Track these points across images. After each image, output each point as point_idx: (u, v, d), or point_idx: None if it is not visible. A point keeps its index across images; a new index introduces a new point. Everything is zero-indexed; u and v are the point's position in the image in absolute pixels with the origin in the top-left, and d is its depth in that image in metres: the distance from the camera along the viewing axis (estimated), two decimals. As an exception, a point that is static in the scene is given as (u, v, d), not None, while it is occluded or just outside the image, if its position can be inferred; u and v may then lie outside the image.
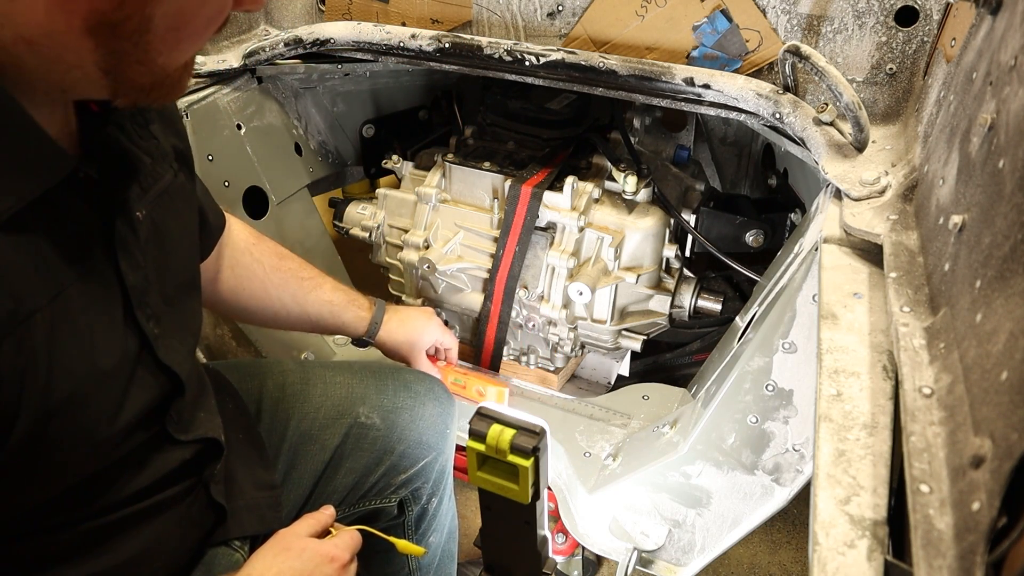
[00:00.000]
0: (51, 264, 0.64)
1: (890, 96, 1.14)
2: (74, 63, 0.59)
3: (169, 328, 0.78)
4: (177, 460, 0.84)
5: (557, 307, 1.45)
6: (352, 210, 1.69)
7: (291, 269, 1.19)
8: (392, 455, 1.12)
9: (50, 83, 0.60)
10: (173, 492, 0.84)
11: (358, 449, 1.11)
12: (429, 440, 1.16)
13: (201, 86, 1.41)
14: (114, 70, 0.60)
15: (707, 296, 1.48)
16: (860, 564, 0.54)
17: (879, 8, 1.10)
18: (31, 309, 0.62)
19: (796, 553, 1.69)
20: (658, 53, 1.24)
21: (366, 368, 1.20)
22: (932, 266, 0.74)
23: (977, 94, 0.72)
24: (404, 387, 1.17)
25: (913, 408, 0.58)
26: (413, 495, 1.16)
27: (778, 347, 1.05)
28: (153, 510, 0.82)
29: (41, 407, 0.64)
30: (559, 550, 1.51)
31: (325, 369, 1.18)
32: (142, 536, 0.81)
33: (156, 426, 0.80)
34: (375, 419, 1.13)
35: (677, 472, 1.20)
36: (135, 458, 0.79)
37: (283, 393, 1.11)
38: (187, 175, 0.86)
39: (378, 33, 1.32)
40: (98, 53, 0.58)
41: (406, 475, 1.14)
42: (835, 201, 0.99)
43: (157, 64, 0.62)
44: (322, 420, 1.11)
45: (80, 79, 0.60)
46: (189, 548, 0.89)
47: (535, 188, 1.42)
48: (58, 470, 0.69)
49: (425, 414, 1.17)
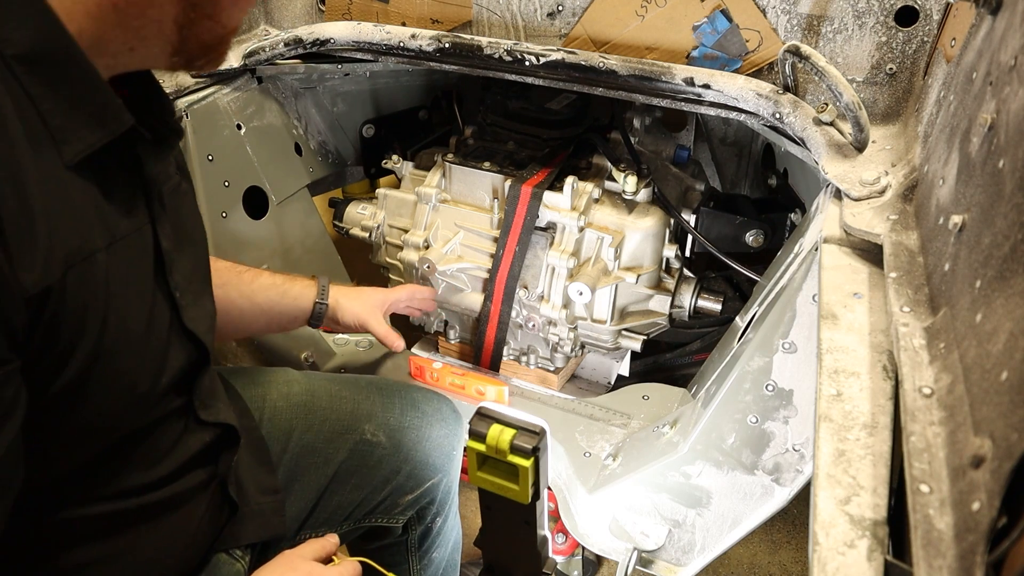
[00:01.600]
0: (107, 214, 0.68)
1: (890, 96, 1.14)
2: (155, 17, 0.66)
3: (191, 302, 0.81)
4: (199, 443, 0.86)
5: (557, 307, 1.45)
6: (352, 210, 1.69)
7: (227, 267, 1.18)
8: (398, 475, 1.12)
9: (120, 43, 0.67)
10: (194, 481, 0.86)
11: (364, 466, 1.11)
12: (435, 462, 1.15)
13: (201, 86, 1.41)
14: (189, 24, 0.68)
15: (707, 296, 1.48)
16: (860, 564, 0.54)
17: (879, 8, 1.10)
18: (92, 248, 0.66)
19: (796, 553, 1.69)
20: (658, 53, 1.24)
21: (372, 384, 1.19)
22: (932, 266, 0.74)
23: (977, 94, 0.72)
24: (412, 406, 1.17)
25: (913, 408, 0.58)
26: (418, 515, 1.16)
27: (778, 347, 1.05)
28: (172, 502, 0.84)
29: (96, 345, 0.67)
30: (559, 550, 1.51)
31: (331, 383, 1.17)
32: (159, 530, 0.83)
33: (185, 396, 0.83)
34: (381, 437, 1.12)
35: (677, 472, 1.20)
36: (165, 428, 0.81)
37: (287, 403, 1.11)
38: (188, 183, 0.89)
39: (378, 33, 1.32)
40: (179, 7, 0.67)
41: (412, 496, 1.13)
42: (835, 201, 0.99)
43: (222, 21, 0.71)
44: (327, 434, 1.10)
45: (154, 33, 0.68)
46: (199, 549, 0.90)
47: (535, 188, 1.42)
48: (99, 423, 0.72)
49: (432, 435, 1.16)
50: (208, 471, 0.89)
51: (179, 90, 1.37)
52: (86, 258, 0.65)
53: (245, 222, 1.52)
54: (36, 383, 0.64)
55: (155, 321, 0.75)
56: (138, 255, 0.73)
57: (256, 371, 1.19)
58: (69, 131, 0.64)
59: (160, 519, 0.83)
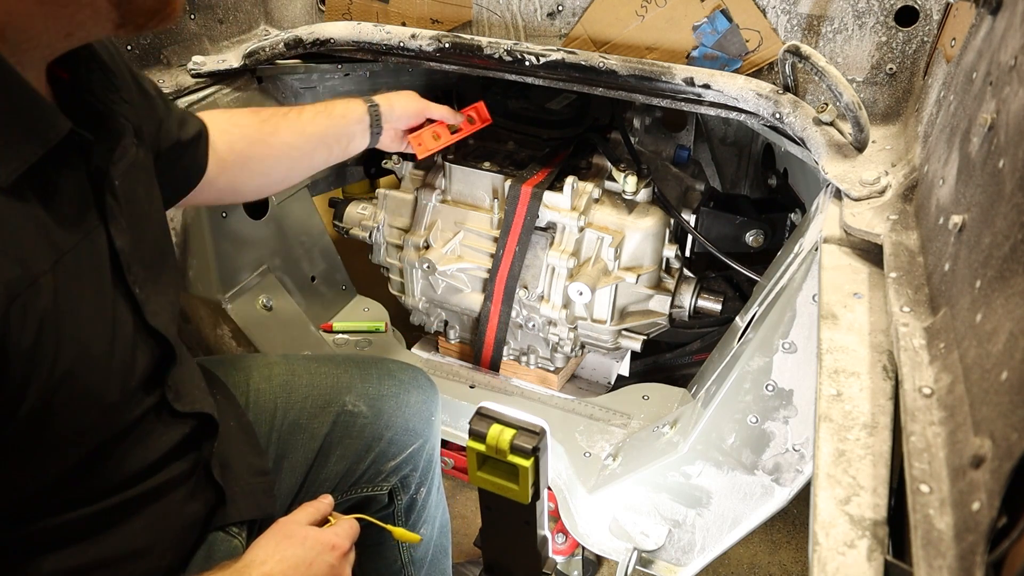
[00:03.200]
0: (50, 229, 0.65)
1: (890, 96, 1.14)
2: (86, 1, 0.61)
3: (151, 294, 0.79)
4: (178, 435, 0.86)
5: (557, 307, 1.45)
6: (352, 210, 1.69)
7: (272, 113, 1.18)
8: (381, 442, 1.14)
9: (56, 31, 0.62)
10: (176, 471, 0.86)
11: (347, 437, 1.12)
12: (416, 427, 1.17)
13: (201, 86, 1.41)
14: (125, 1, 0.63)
15: (707, 296, 1.48)
16: (860, 564, 0.54)
17: (879, 8, 1.10)
18: (35, 274, 0.63)
19: (796, 553, 1.69)
20: (658, 53, 1.24)
21: (349, 359, 1.21)
22: (932, 266, 0.74)
23: (977, 94, 0.72)
24: (388, 375, 1.19)
25: (913, 408, 0.58)
26: (402, 483, 1.17)
27: (778, 347, 1.05)
28: (158, 491, 0.83)
29: (52, 371, 0.65)
30: (559, 550, 1.51)
31: (309, 361, 1.19)
32: (148, 518, 0.82)
33: (157, 392, 0.82)
34: (362, 407, 1.14)
35: (677, 472, 1.20)
36: (140, 430, 0.80)
37: (269, 384, 1.12)
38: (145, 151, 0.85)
39: (378, 33, 1.32)
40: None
41: (395, 462, 1.15)
42: (835, 201, 0.99)
43: None
44: (310, 409, 1.12)
45: (89, 17, 0.63)
46: (192, 533, 0.90)
47: (535, 188, 1.42)
48: (70, 437, 0.70)
49: (410, 401, 1.18)
50: (190, 460, 0.88)
51: (179, 90, 1.37)
52: (30, 285, 0.62)
53: (245, 222, 1.52)
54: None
55: (118, 328, 0.73)
56: (90, 263, 0.70)
57: (235, 358, 1.20)
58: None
59: (144, 511, 0.82)
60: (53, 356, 0.64)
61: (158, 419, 0.83)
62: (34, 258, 0.63)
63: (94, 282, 0.71)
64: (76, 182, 0.70)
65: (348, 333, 1.73)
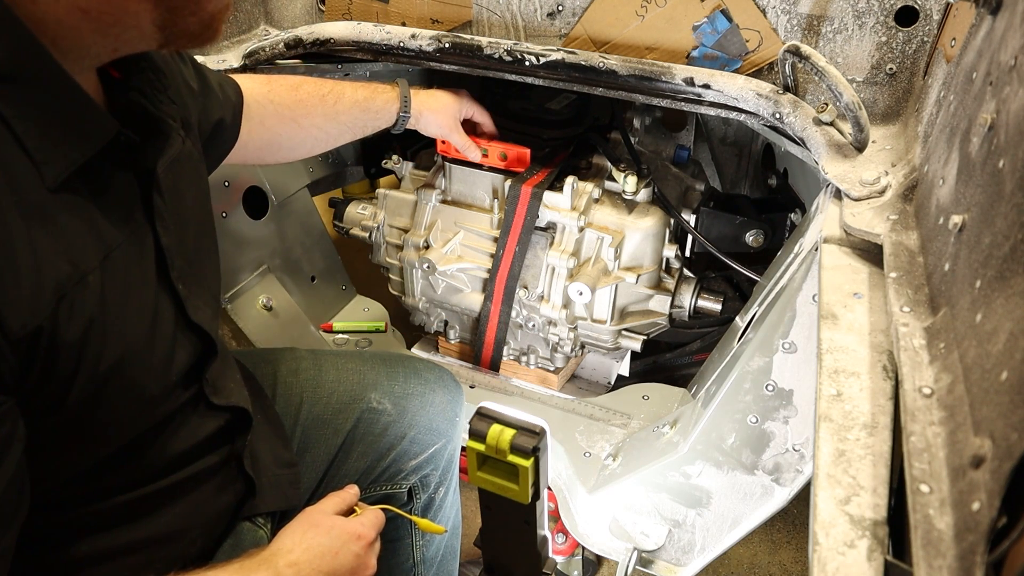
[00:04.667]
0: (99, 227, 0.67)
1: (890, 96, 1.14)
2: (131, 24, 0.63)
3: (195, 289, 0.81)
4: (212, 427, 0.87)
5: (557, 307, 1.45)
6: (352, 210, 1.69)
7: (310, 94, 1.21)
8: (403, 440, 1.14)
9: (103, 46, 0.64)
10: (209, 462, 0.87)
11: (370, 434, 1.13)
12: (439, 427, 1.18)
13: (201, 86, 1.41)
14: (169, 24, 0.65)
15: (707, 296, 1.48)
16: (860, 564, 0.54)
17: (879, 8, 1.10)
18: (84, 271, 0.64)
19: (796, 553, 1.69)
20: (658, 53, 1.24)
21: (376, 356, 1.22)
22: (932, 266, 0.74)
23: (977, 94, 0.72)
24: (414, 374, 1.19)
25: (913, 408, 0.58)
26: (422, 482, 1.17)
27: (778, 347, 1.05)
28: (191, 481, 0.85)
29: (97, 366, 0.66)
30: (559, 550, 1.51)
31: (337, 356, 1.20)
32: (181, 507, 0.84)
33: (195, 386, 0.83)
34: (386, 404, 1.14)
35: (677, 472, 1.20)
36: (177, 421, 0.82)
37: (296, 378, 1.13)
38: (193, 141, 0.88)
39: (378, 33, 1.32)
40: (156, 11, 0.64)
41: (416, 461, 1.15)
42: (835, 201, 0.99)
43: (207, 11, 0.67)
44: (335, 405, 1.13)
45: (134, 37, 0.65)
46: (222, 521, 0.91)
47: (535, 188, 1.42)
48: (111, 428, 0.72)
49: (435, 400, 1.18)
50: (223, 452, 0.90)
51: (179, 90, 1.37)
52: (79, 282, 0.63)
53: (245, 222, 1.52)
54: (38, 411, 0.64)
55: (159, 323, 0.74)
56: (136, 260, 0.72)
57: (264, 351, 1.21)
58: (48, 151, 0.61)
59: (178, 499, 0.84)
60: (99, 351, 0.66)
61: (195, 411, 0.84)
62: (83, 256, 0.64)
63: (139, 279, 0.72)
64: (124, 180, 0.71)
65: (348, 333, 1.73)
